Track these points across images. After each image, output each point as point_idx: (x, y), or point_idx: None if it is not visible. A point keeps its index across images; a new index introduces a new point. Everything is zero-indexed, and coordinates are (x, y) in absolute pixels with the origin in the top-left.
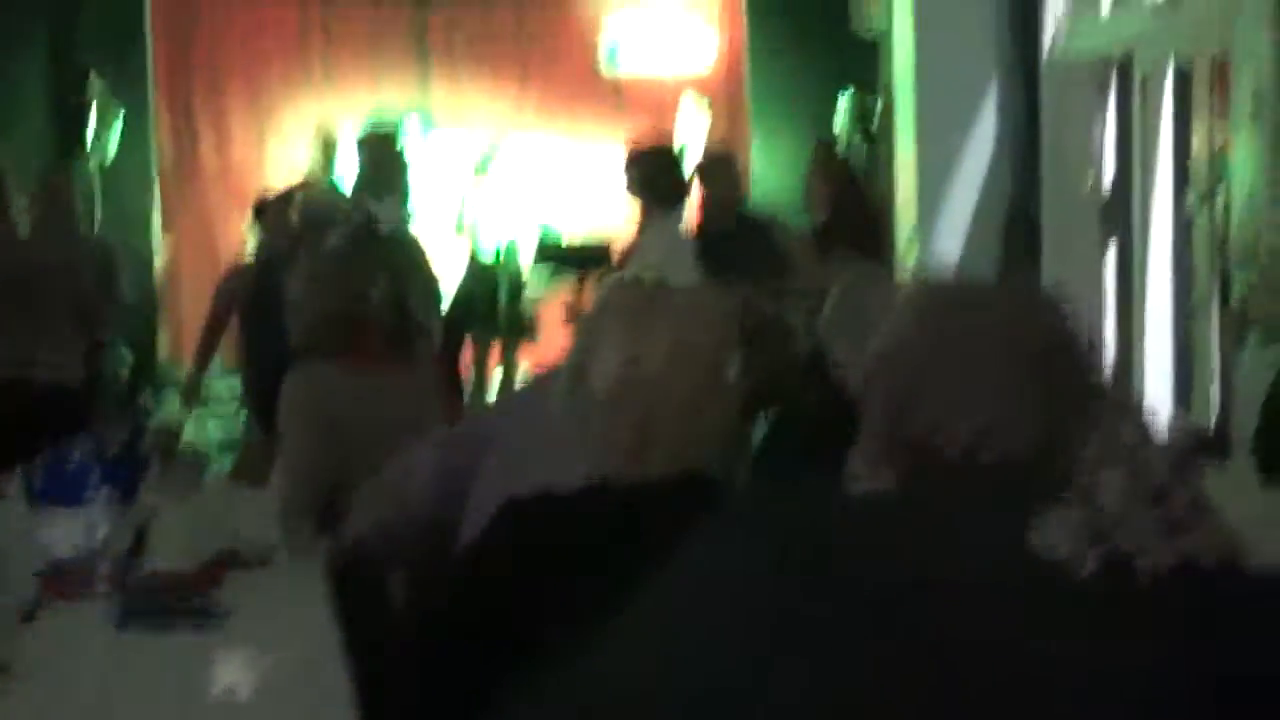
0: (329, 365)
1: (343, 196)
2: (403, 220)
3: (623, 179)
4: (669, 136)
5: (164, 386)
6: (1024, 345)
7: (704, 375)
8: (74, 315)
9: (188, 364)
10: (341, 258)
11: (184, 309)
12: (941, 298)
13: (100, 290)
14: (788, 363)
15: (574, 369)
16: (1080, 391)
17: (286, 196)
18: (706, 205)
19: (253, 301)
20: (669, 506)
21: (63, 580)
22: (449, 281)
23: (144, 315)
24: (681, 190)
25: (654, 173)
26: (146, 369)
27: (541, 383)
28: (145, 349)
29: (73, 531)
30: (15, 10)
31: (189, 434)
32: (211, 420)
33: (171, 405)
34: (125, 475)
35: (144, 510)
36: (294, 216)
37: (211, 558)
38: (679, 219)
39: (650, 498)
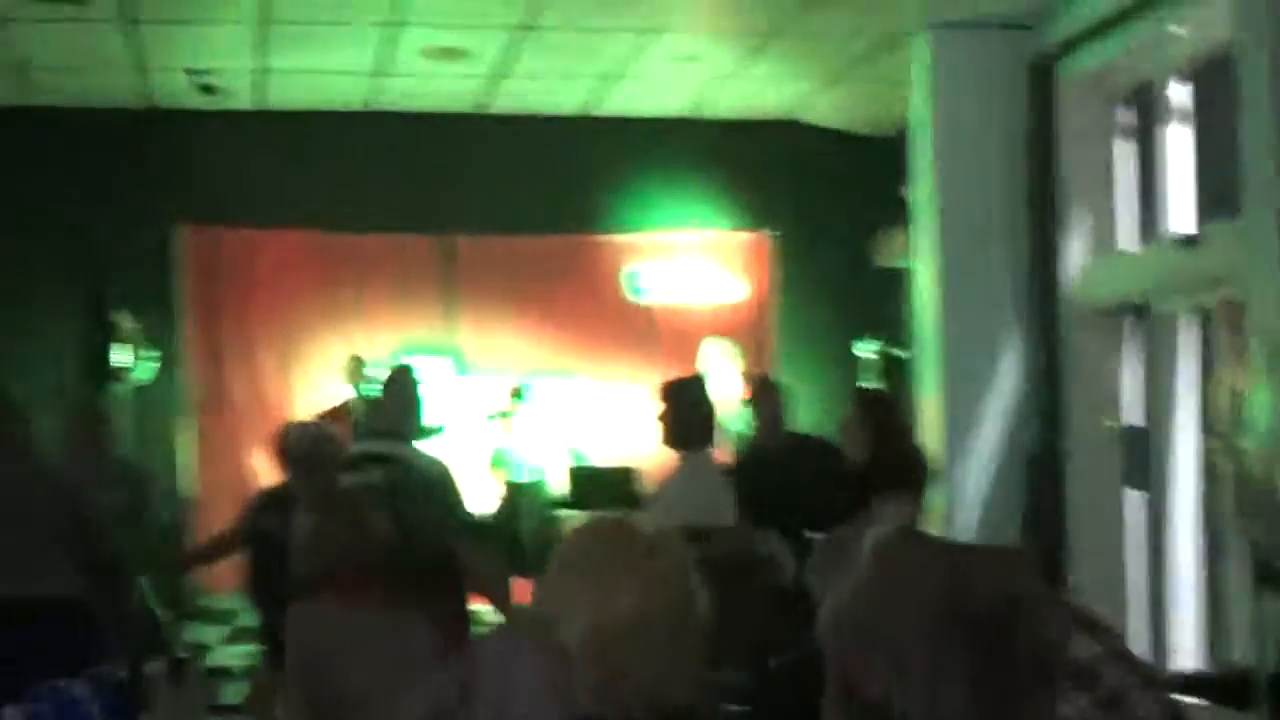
0: (331, 604)
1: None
2: (417, 461)
3: (654, 417)
4: (697, 376)
5: (194, 614)
6: (965, 612)
7: (672, 617)
8: (84, 536)
9: (216, 593)
10: (347, 504)
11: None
12: (885, 565)
13: (130, 509)
14: (768, 601)
15: (547, 619)
16: (1035, 651)
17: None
18: (756, 427)
19: (252, 534)
20: None
21: None
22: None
23: (172, 541)
24: (710, 427)
25: (685, 410)
26: (175, 596)
27: (518, 623)
28: (173, 576)
29: None
30: (50, 249)
31: (220, 658)
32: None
33: (198, 631)
34: (123, 710)
35: None
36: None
37: None
38: (710, 454)
39: None
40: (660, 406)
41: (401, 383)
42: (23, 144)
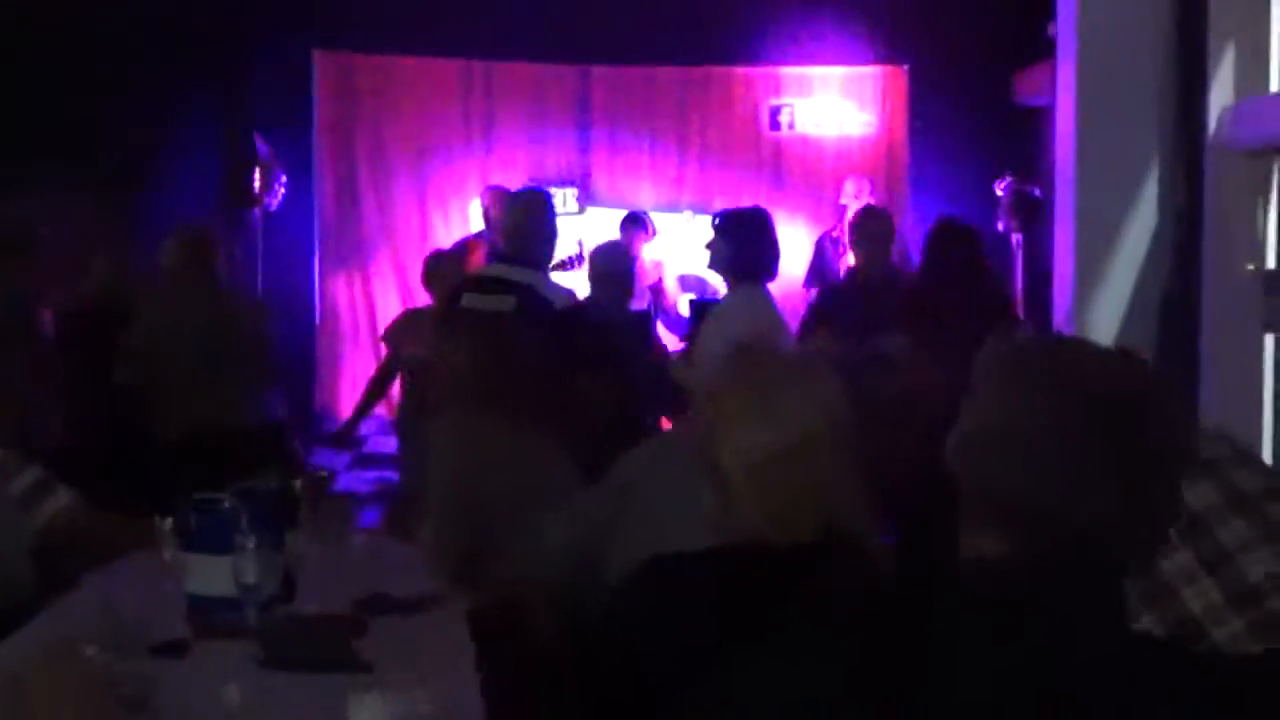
0: (481, 416)
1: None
2: (543, 289)
3: (712, 245)
4: (759, 210)
5: (320, 438)
6: (1091, 403)
7: (834, 438)
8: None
9: (340, 414)
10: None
11: (338, 361)
12: (1010, 359)
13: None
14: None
15: (705, 442)
16: (1162, 451)
17: (460, 252)
18: (860, 261)
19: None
20: (813, 568)
21: (211, 622)
22: None
23: (301, 363)
24: (763, 261)
25: (742, 242)
26: (301, 417)
27: (672, 442)
28: (300, 397)
29: (221, 576)
30: (190, 76)
31: (347, 483)
32: (367, 473)
33: (324, 456)
34: (273, 523)
35: (293, 556)
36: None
37: (359, 602)
38: (762, 289)
39: (792, 560)
40: (715, 236)
41: (532, 207)
42: None
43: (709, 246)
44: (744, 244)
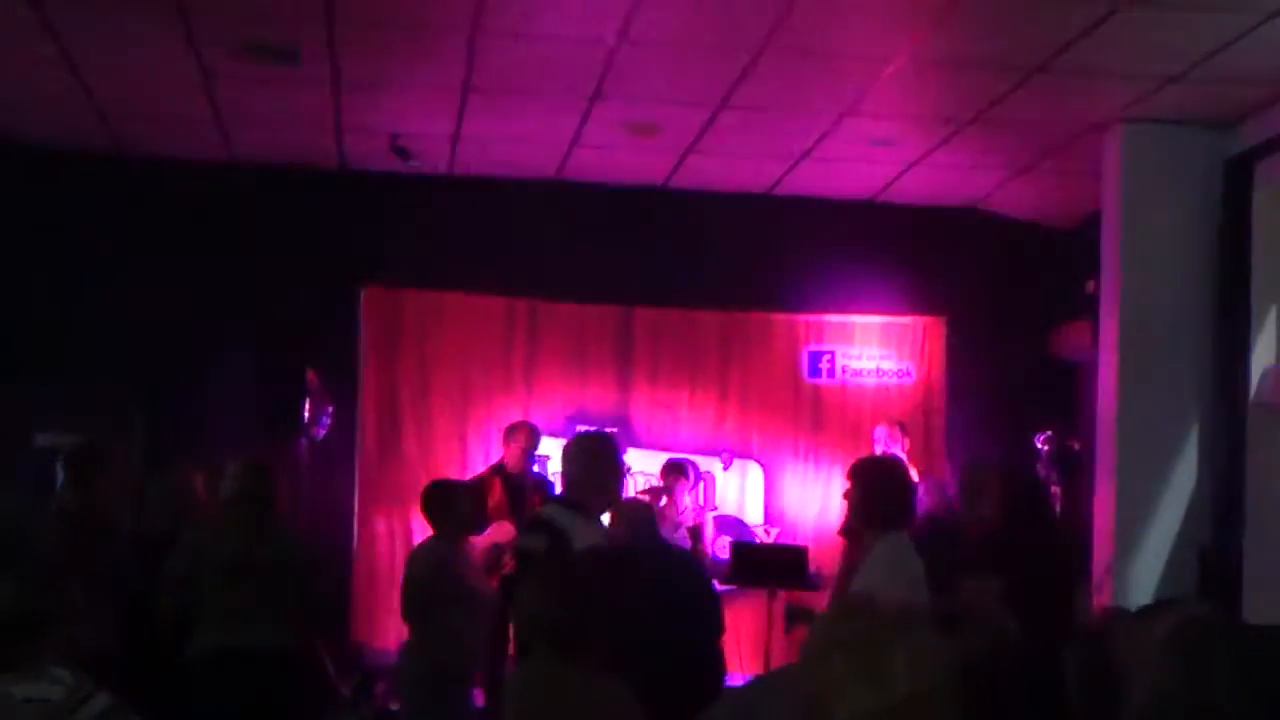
0: (555, 664)
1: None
2: (578, 532)
3: (850, 495)
4: (894, 457)
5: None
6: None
7: (942, 692)
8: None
9: (377, 646)
10: (583, 571)
11: (374, 592)
12: (1207, 640)
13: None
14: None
15: (812, 700)
16: None
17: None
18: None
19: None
20: None
21: None
22: None
23: (338, 593)
24: (909, 507)
25: (883, 491)
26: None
27: (762, 698)
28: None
29: None
30: (240, 306)
31: None
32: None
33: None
34: None
35: None
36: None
37: None
38: (904, 537)
39: None
40: (855, 485)
41: (585, 451)
42: (218, 198)
43: (846, 496)
44: (881, 492)
